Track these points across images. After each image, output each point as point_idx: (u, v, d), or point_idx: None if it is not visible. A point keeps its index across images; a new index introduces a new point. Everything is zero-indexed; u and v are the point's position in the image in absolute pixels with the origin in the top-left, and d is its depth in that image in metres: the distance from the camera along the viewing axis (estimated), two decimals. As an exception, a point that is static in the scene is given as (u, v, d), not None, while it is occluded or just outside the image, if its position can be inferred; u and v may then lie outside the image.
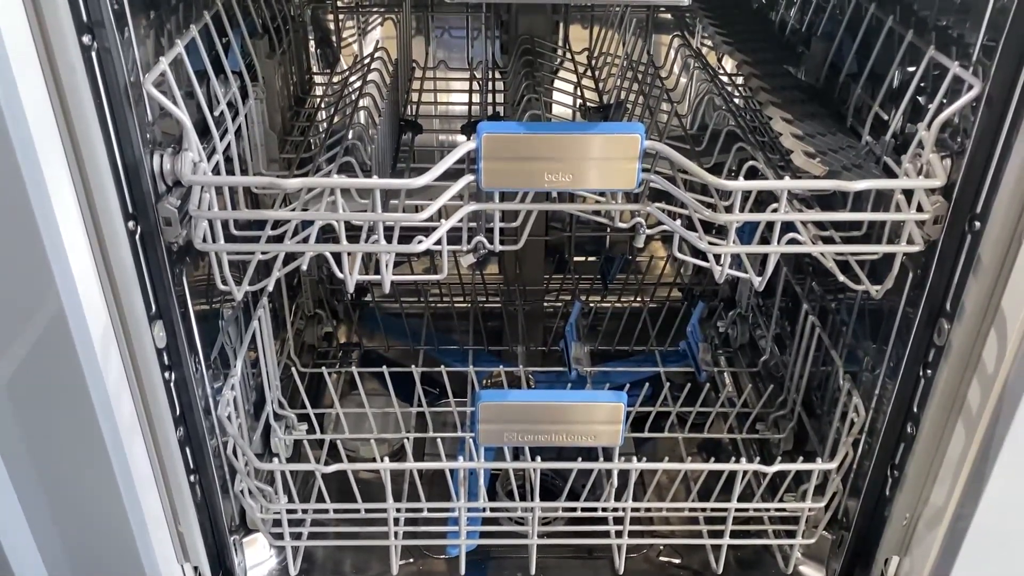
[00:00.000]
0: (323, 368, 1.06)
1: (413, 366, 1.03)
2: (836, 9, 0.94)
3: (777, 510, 0.94)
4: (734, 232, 0.70)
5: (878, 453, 0.84)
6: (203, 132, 0.72)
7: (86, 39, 0.60)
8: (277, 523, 0.91)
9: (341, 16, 1.28)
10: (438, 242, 0.71)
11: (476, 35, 1.31)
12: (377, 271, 0.74)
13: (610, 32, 1.22)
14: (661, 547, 1.00)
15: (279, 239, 0.73)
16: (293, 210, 0.72)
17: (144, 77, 0.66)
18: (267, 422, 1.01)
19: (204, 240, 0.69)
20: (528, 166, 0.67)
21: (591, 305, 1.34)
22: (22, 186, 0.58)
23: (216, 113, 0.76)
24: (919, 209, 0.69)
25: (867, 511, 0.88)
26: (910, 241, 0.70)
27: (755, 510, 0.94)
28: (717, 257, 0.72)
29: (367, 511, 0.90)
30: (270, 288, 0.72)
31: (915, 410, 0.79)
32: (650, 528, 0.99)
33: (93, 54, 0.61)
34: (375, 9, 1.29)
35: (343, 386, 1.21)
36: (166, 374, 0.75)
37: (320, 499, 0.89)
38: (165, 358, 0.75)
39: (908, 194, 0.70)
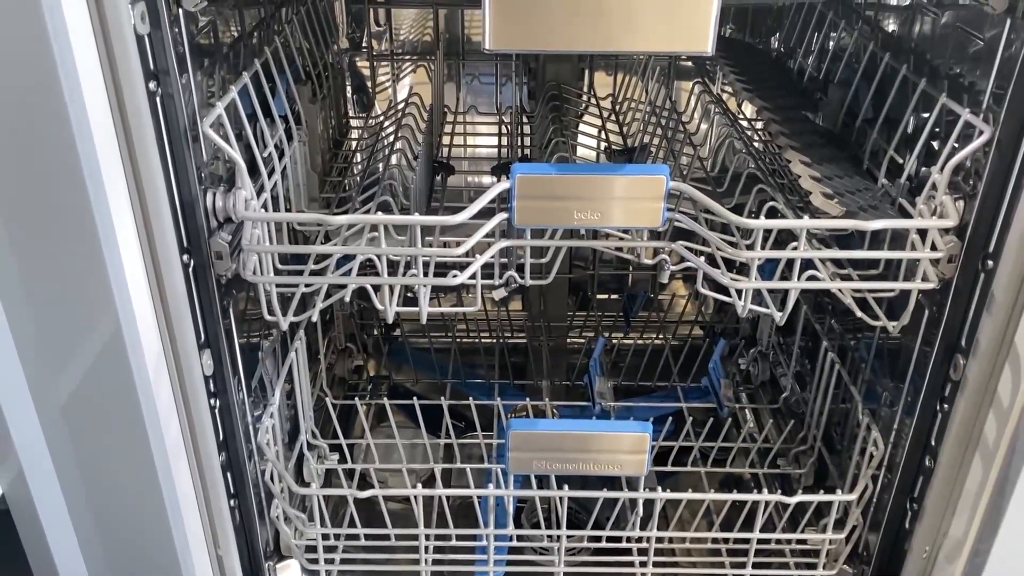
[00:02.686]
0: (355, 399, 1.09)
1: (442, 398, 1.06)
2: (852, 58, 0.99)
3: (798, 542, 0.95)
4: (756, 269, 0.74)
5: (897, 486, 0.86)
6: (250, 172, 0.77)
7: (152, 85, 0.65)
8: (311, 549, 0.94)
9: (376, 63, 1.34)
10: (472, 276, 0.75)
11: (505, 82, 1.36)
12: (406, 304, 0.77)
13: (633, 79, 1.27)
14: (684, 579, 1.02)
15: (321, 273, 0.77)
16: (336, 245, 0.76)
17: (202, 120, 0.70)
18: (300, 452, 1.04)
19: (254, 273, 0.73)
20: (559, 205, 0.71)
21: (614, 341, 1.37)
22: (91, 219, 0.63)
23: (264, 154, 0.81)
24: (933, 248, 0.72)
25: (887, 544, 0.89)
26: (925, 279, 0.73)
27: (776, 542, 0.95)
28: (740, 292, 0.75)
29: (397, 538, 0.92)
30: (314, 318, 0.76)
31: (933, 444, 0.81)
32: (673, 559, 1.01)
33: (157, 99, 0.66)
34: (408, 57, 1.35)
35: (372, 418, 1.24)
36: (212, 400, 0.78)
37: (352, 526, 0.92)
38: (211, 385, 0.78)
39: (923, 234, 0.73)
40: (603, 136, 1.14)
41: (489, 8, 0.62)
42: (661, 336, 1.38)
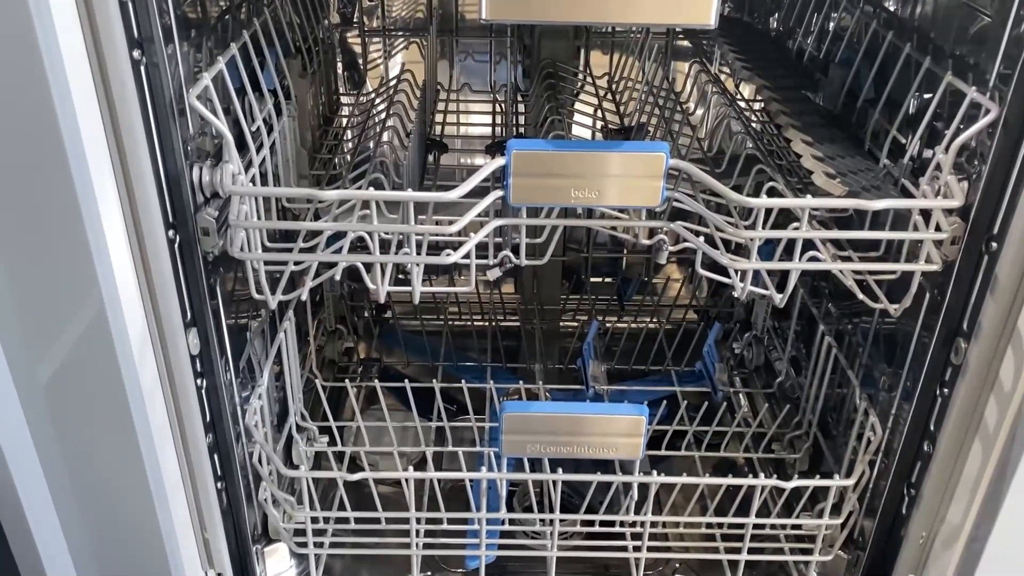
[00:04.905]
0: (345, 381, 1.07)
1: (433, 381, 1.05)
2: (854, 37, 0.97)
3: (793, 527, 0.94)
4: (756, 251, 0.72)
5: (894, 472, 0.85)
6: (238, 147, 0.75)
7: (136, 54, 0.62)
8: (299, 532, 0.92)
9: (368, 39, 1.31)
10: (466, 255, 0.73)
11: (499, 59, 1.34)
12: (397, 286, 0.76)
13: (630, 59, 1.25)
14: (677, 564, 1.01)
15: (311, 251, 0.75)
16: (327, 222, 0.74)
17: (188, 91, 0.68)
18: (289, 434, 1.02)
19: (241, 249, 0.71)
20: (555, 182, 0.69)
21: (608, 325, 1.36)
22: (72, 193, 0.61)
23: (253, 128, 0.79)
24: (937, 229, 0.70)
25: (883, 530, 0.88)
26: (928, 260, 0.72)
27: (772, 527, 0.94)
28: (740, 274, 0.74)
29: (387, 521, 0.91)
30: (304, 297, 0.74)
31: (932, 429, 0.80)
32: (666, 544, 1.00)
33: (142, 68, 0.63)
34: (400, 33, 1.32)
35: (362, 401, 1.23)
36: (198, 381, 0.77)
37: (341, 509, 0.91)
38: (198, 365, 0.76)
39: (926, 215, 0.71)
40: (599, 115, 1.12)
41: (486, -24, 0.60)
42: (655, 320, 1.37)
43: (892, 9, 0.93)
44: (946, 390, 0.77)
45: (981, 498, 0.76)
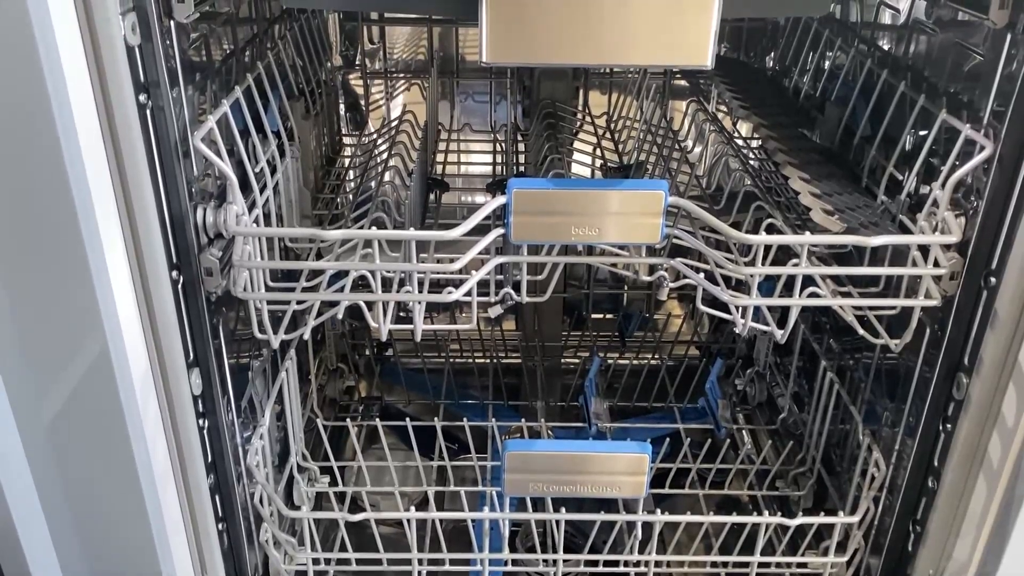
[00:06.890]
0: (346, 420, 1.07)
1: (435, 419, 1.04)
2: (849, 76, 0.98)
3: (799, 565, 0.93)
4: (756, 287, 0.73)
5: (899, 508, 0.84)
6: (242, 188, 0.75)
7: (142, 98, 0.63)
8: (301, 574, 0.91)
9: (370, 81, 1.33)
10: (468, 293, 0.73)
11: (499, 100, 1.36)
12: (399, 323, 0.76)
13: (628, 98, 1.27)
14: (682, 604, 1.00)
15: (314, 290, 0.75)
16: (329, 262, 0.75)
17: (193, 134, 0.69)
18: (290, 475, 1.02)
19: (245, 289, 0.71)
20: (556, 220, 0.70)
21: (609, 361, 1.36)
22: (77, 234, 0.61)
23: (256, 170, 0.80)
24: (936, 264, 0.71)
25: (890, 567, 0.87)
26: (928, 296, 0.72)
27: (777, 565, 0.93)
28: (740, 310, 0.74)
29: (389, 562, 0.90)
30: (306, 336, 0.74)
31: (936, 464, 0.79)
32: (671, 583, 0.99)
33: (148, 112, 0.64)
34: (402, 75, 1.34)
35: (363, 440, 1.22)
36: (201, 421, 0.77)
37: (343, 550, 0.90)
38: (200, 405, 0.76)
39: (924, 251, 0.72)
40: (598, 154, 1.13)
41: (487, 21, 0.61)
42: (657, 356, 1.37)
43: (886, 48, 0.94)
44: (949, 425, 0.77)
45: (987, 533, 0.75)
